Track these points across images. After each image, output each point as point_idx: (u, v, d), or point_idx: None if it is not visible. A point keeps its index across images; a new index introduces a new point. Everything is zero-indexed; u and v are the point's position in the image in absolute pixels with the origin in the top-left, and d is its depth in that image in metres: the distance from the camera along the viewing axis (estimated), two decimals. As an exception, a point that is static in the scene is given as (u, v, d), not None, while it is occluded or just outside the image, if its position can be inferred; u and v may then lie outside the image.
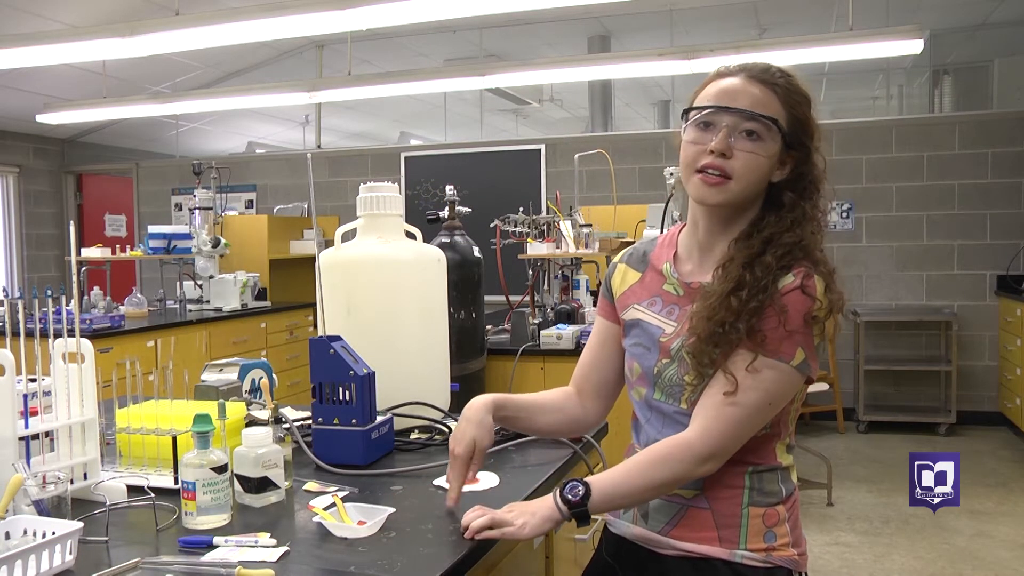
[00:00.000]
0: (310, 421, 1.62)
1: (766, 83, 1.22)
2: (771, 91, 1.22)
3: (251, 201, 7.53)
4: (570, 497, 1.18)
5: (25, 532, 1.13)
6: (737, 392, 1.17)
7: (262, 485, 1.34)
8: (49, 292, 1.37)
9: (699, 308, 1.21)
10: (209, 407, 1.39)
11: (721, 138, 1.20)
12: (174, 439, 1.44)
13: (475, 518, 1.19)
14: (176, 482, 1.39)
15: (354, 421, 1.55)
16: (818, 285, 1.18)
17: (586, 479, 1.20)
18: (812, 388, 4.64)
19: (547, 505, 1.19)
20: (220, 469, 1.26)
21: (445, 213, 3.32)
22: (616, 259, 1.45)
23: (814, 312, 1.17)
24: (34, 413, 1.33)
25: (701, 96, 1.25)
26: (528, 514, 1.19)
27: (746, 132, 1.20)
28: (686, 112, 1.25)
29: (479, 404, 1.36)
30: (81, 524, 1.12)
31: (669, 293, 1.31)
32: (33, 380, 1.39)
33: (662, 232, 1.47)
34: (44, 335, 1.32)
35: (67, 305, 1.40)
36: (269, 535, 1.20)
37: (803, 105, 1.24)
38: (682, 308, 1.28)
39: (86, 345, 1.36)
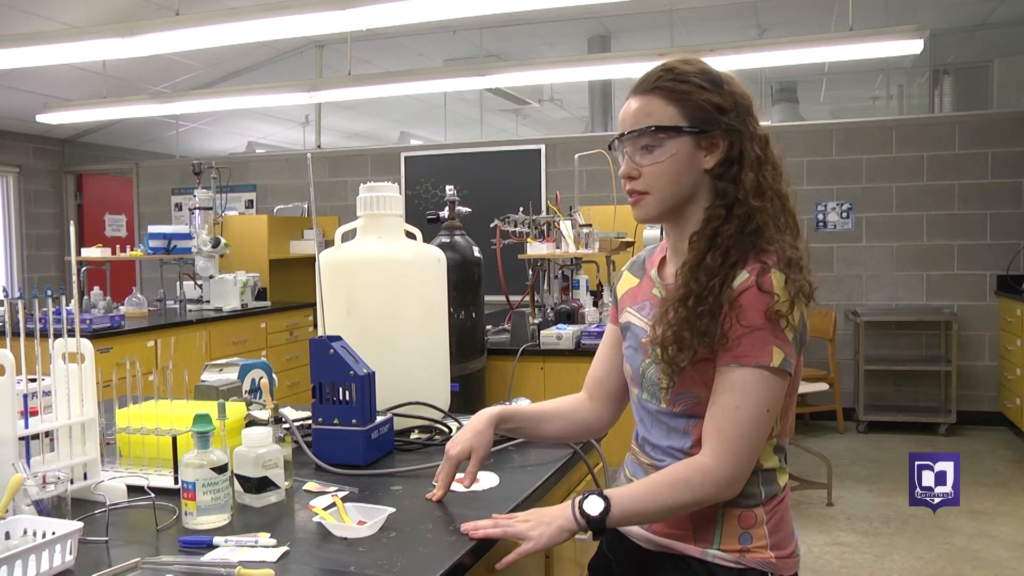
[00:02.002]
0: (310, 421, 1.62)
1: (647, 91, 1.24)
2: (654, 95, 1.23)
3: (251, 201, 7.53)
4: (590, 512, 1.17)
5: (25, 532, 1.13)
6: (732, 408, 1.18)
7: (262, 485, 1.34)
8: (49, 292, 1.37)
9: (660, 315, 1.24)
10: (209, 407, 1.39)
11: (625, 163, 1.26)
12: (174, 439, 1.44)
13: (485, 525, 1.19)
14: (176, 482, 1.39)
15: (354, 421, 1.55)
16: (775, 279, 1.16)
17: (605, 493, 1.19)
18: (812, 388, 4.67)
19: (564, 516, 1.18)
20: (220, 469, 1.26)
21: (445, 213, 3.32)
22: (623, 267, 1.49)
23: (775, 307, 1.16)
24: (34, 413, 1.33)
25: None
26: (543, 524, 1.18)
27: (643, 147, 1.24)
28: (609, 149, 1.32)
29: (484, 416, 1.39)
30: (81, 524, 1.12)
31: (656, 296, 1.34)
32: (33, 380, 1.39)
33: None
34: (44, 335, 1.32)
35: (67, 305, 1.40)
36: (269, 535, 1.20)
37: (696, 90, 1.22)
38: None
39: (86, 345, 1.36)
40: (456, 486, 1.43)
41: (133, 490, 1.37)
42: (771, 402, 1.19)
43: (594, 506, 1.17)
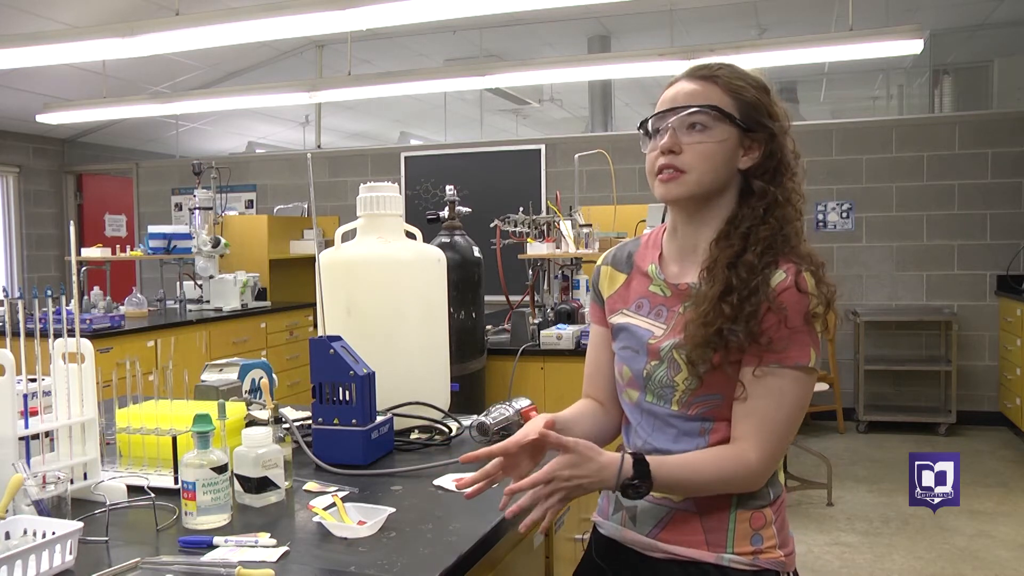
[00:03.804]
0: (310, 421, 1.62)
1: (704, 77, 1.25)
2: (710, 83, 1.24)
3: (251, 201, 7.53)
4: (632, 494, 1.16)
5: (25, 532, 1.13)
6: (775, 408, 1.18)
7: (262, 485, 1.34)
8: (49, 292, 1.37)
9: (693, 315, 1.21)
10: (209, 407, 1.39)
11: (668, 136, 1.23)
12: (174, 439, 1.44)
13: (526, 505, 1.14)
14: (176, 482, 1.39)
15: (354, 421, 1.56)
16: (808, 281, 1.18)
17: (651, 471, 1.15)
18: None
19: (605, 485, 1.15)
20: (220, 469, 1.26)
21: (445, 213, 3.32)
22: (599, 262, 1.44)
23: (813, 309, 1.18)
24: (34, 413, 1.33)
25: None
26: (582, 489, 1.13)
27: (690, 125, 1.23)
28: (641, 127, 1.29)
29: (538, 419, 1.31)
30: (81, 524, 1.12)
31: (656, 295, 1.31)
32: (33, 380, 1.39)
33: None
34: (44, 335, 1.32)
35: (67, 305, 1.40)
36: (269, 535, 1.20)
37: (751, 89, 1.24)
38: (670, 309, 1.27)
39: (86, 345, 1.36)
40: (455, 487, 1.43)
41: (133, 490, 1.37)
42: (805, 401, 1.22)
43: (637, 492, 1.15)
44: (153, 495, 1.31)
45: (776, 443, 1.20)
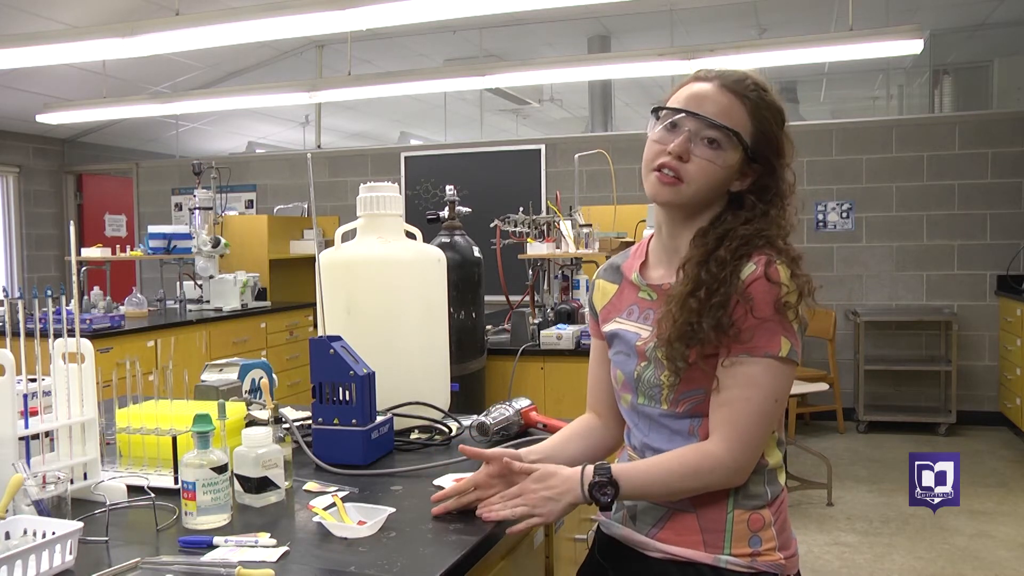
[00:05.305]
0: (310, 421, 1.62)
1: (737, 93, 1.23)
2: (740, 102, 1.22)
3: (251, 201, 7.53)
4: (599, 496, 1.20)
5: (25, 532, 1.12)
6: (742, 399, 1.18)
7: (262, 485, 1.34)
8: (49, 292, 1.37)
9: (664, 312, 1.23)
10: (209, 407, 1.39)
11: (681, 141, 1.22)
12: (174, 439, 1.44)
13: (497, 508, 1.22)
14: (176, 482, 1.39)
15: (354, 421, 1.55)
16: (782, 271, 1.18)
17: (615, 476, 1.20)
18: (812, 388, 4.67)
19: (573, 493, 1.21)
20: (220, 469, 1.26)
21: (445, 213, 3.32)
22: (594, 276, 1.47)
23: (784, 298, 1.17)
24: (34, 413, 1.33)
25: (674, 98, 1.26)
26: (552, 501, 1.21)
27: (707, 139, 1.22)
28: (655, 111, 1.27)
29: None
30: (81, 524, 1.12)
31: (644, 299, 1.33)
32: (33, 380, 1.39)
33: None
34: (44, 335, 1.32)
35: (67, 305, 1.40)
36: (269, 535, 1.20)
37: (772, 121, 1.24)
38: (656, 312, 1.29)
39: (86, 345, 1.36)
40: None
41: (133, 490, 1.37)
42: (779, 392, 1.20)
43: (604, 493, 1.20)
44: (153, 495, 1.31)
45: (745, 434, 1.19)
